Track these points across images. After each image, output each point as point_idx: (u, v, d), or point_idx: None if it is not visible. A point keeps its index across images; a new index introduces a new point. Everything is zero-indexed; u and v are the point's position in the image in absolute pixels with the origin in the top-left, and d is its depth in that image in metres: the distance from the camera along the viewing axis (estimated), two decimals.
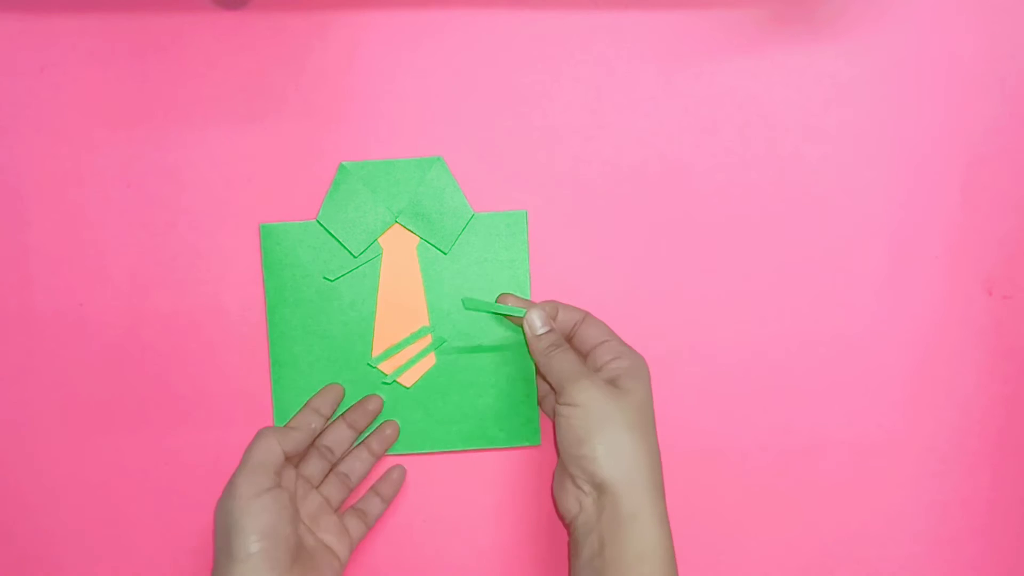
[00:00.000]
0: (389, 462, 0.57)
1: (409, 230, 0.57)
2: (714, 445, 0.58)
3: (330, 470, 0.55)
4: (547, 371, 0.52)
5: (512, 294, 0.56)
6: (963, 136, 0.57)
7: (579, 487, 0.49)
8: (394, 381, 0.57)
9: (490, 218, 0.57)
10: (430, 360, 0.57)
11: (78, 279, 0.58)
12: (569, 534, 0.51)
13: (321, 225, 0.57)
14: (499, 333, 0.57)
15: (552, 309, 0.54)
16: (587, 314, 0.54)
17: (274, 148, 0.57)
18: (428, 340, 0.57)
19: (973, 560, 0.58)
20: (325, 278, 0.57)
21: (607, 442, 0.48)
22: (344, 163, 0.57)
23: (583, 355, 0.53)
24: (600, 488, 0.48)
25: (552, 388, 0.53)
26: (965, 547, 0.58)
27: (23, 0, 0.57)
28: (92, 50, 0.57)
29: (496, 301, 0.55)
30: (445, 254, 0.57)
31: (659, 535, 0.47)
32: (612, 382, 0.50)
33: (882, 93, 0.57)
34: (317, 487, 0.54)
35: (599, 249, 0.58)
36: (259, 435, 0.51)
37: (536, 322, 0.53)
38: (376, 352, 0.56)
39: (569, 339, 0.54)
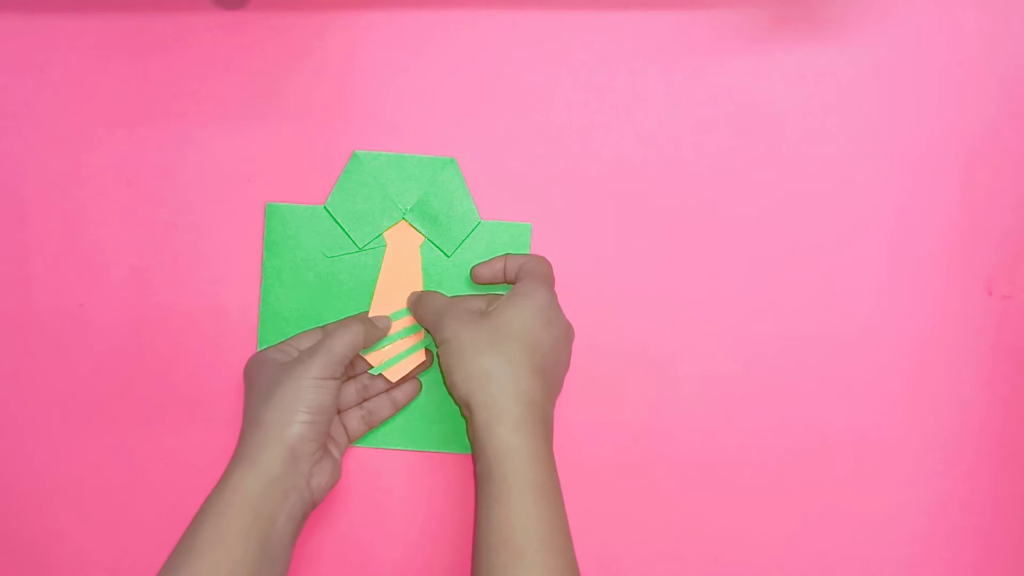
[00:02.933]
0: (365, 454, 0.57)
1: (415, 228, 0.57)
2: (713, 444, 0.58)
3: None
4: (420, 321, 0.55)
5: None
6: (963, 135, 0.57)
7: (461, 412, 0.53)
8: (379, 374, 0.56)
9: (495, 227, 0.57)
10: (419, 357, 0.57)
11: (78, 279, 0.58)
12: None
13: (328, 212, 0.57)
14: None
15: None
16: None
17: (274, 148, 0.57)
18: (420, 337, 0.57)
19: (973, 560, 0.58)
20: (324, 254, 0.57)
21: (462, 367, 0.51)
22: (357, 152, 0.57)
23: None
24: (465, 407, 0.51)
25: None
26: (965, 547, 0.58)
27: (23, 0, 0.57)
28: (92, 50, 0.57)
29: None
30: (448, 256, 0.57)
31: (516, 439, 0.49)
32: (486, 313, 0.53)
33: (882, 93, 0.57)
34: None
35: (598, 247, 0.58)
36: (350, 326, 0.53)
37: (408, 301, 0.57)
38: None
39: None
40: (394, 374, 0.56)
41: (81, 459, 0.58)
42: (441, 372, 0.53)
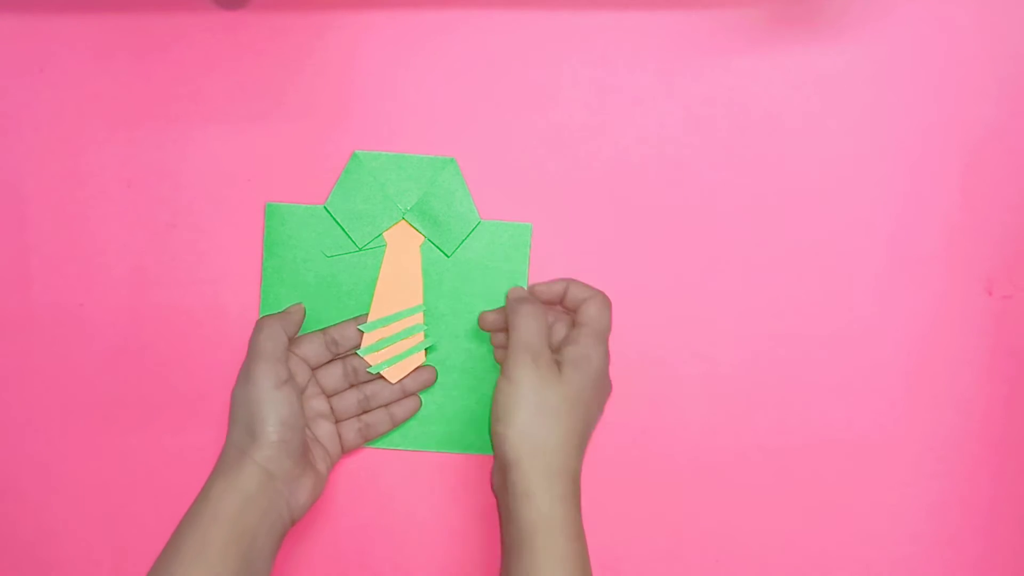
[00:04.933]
0: (365, 454, 0.58)
1: (415, 228, 0.57)
2: (712, 445, 0.58)
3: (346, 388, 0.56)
4: (509, 320, 0.53)
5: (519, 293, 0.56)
6: (963, 136, 0.57)
7: (496, 461, 0.52)
8: (378, 374, 0.56)
9: (495, 227, 0.57)
10: (419, 358, 0.57)
11: (78, 279, 0.58)
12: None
13: (328, 212, 0.57)
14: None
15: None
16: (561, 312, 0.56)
17: (274, 148, 0.57)
18: (420, 338, 0.57)
19: (972, 560, 0.58)
20: (324, 254, 0.57)
21: (519, 424, 0.50)
22: (357, 152, 0.57)
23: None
24: (505, 465, 0.50)
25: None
26: (964, 547, 0.58)
27: (23, 0, 0.57)
28: (92, 50, 0.57)
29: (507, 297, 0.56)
30: (448, 256, 0.57)
31: (556, 512, 0.49)
32: (559, 364, 0.52)
33: (882, 93, 0.57)
34: (330, 396, 0.56)
35: (598, 247, 0.58)
36: (261, 324, 0.53)
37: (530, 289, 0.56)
38: (365, 343, 0.56)
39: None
40: (393, 374, 0.56)
41: (81, 459, 0.58)
42: (492, 412, 0.51)
